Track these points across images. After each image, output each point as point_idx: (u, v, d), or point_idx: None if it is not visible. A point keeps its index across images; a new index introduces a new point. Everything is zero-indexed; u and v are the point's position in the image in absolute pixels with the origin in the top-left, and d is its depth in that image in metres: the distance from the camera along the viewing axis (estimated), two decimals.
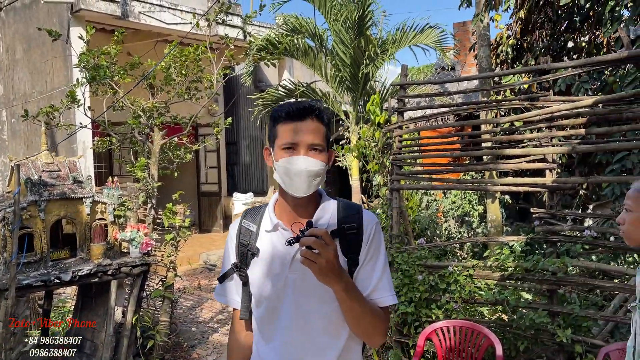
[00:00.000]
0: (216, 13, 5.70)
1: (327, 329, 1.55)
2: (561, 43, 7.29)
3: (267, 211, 1.64)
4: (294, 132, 1.50)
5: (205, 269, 8.83)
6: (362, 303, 1.47)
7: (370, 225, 1.58)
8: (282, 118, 1.52)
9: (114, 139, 5.75)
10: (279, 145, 1.52)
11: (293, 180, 1.49)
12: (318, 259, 1.31)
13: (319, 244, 1.31)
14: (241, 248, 1.63)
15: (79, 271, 3.87)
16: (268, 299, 1.57)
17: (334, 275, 1.36)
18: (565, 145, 4.15)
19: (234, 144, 14.09)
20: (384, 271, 1.57)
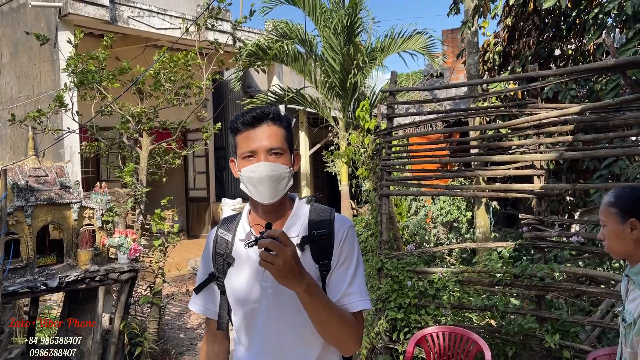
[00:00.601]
0: (206, 18, 5.69)
1: (302, 338, 1.52)
2: (548, 50, 7.38)
3: (241, 220, 1.64)
4: (251, 140, 1.49)
5: (194, 275, 8.77)
6: (327, 307, 1.42)
7: (342, 229, 1.55)
8: (238, 128, 1.52)
9: (102, 144, 5.71)
10: (240, 155, 1.52)
11: (257, 188, 1.49)
12: (275, 260, 1.28)
13: (274, 245, 1.28)
14: (217, 258, 1.62)
15: (65, 277, 3.83)
16: (244, 308, 1.56)
17: (292, 277, 1.32)
18: (553, 152, 4.19)
19: (223, 150, 14.05)
20: (355, 275, 1.53)
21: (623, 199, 1.94)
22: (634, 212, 1.88)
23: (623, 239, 1.91)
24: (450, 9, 8.60)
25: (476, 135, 5.30)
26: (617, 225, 1.92)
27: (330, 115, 9.40)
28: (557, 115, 3.98)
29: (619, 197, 1.96)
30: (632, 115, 3.62)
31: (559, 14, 7.06)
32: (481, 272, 4.23)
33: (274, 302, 1.52)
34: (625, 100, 3.62)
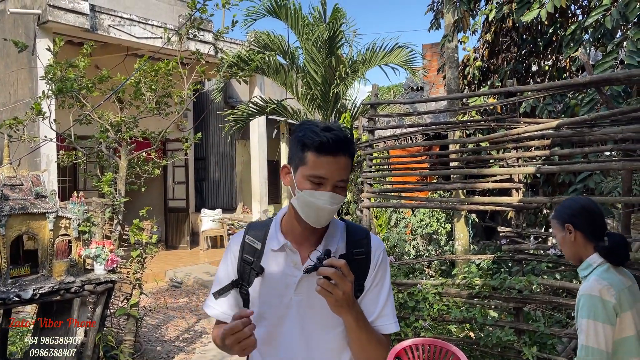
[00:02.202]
0: (187, 28, 5.68)
1: (329, 352, 1.54)
2: (526, 66, 7.52)
3: (273, 229, 1.59)
4: (325, 168, 1.43)
5: (172, 287, 8.66)
6: (369, 332, 1.47)
7: (379, 251, 1.57)
8: (315, 147, 1.43)
9: (80, 153, 5.63)
10: (305, 175, 1.45)
11: (314, 213, 1.46)
12: (335, 291, 1.30)
13: (337, 276, 1.29)
14: (244, 265, 1.57)
15: (40, 289, 3.74)
16: (269, 319, 1.54)
17: (347, 307, 1.35)
18: (530, 166, 4.26)
19: (203, 160, 13.97)
20: (388, 298, 1.56)
21: (559, 211, 2.27)
22: (567, 219, 2.20)
23: (566, 243, 2.22)
24: (431, 24, 8.73)
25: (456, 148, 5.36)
26: (560, 233, 2.24)
27: None
28: (535, 130, 4.05)
29: (557, 210, 2.29)
30: (606, 130, 3.70)
31: (536, 30, 7.22)
32: (460, 285, 4.26)
33: (305, 316, 1.51)
34: (601, 116, 3.70)
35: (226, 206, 13.20)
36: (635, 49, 3.88)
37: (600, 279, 2.05)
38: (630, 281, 2.13)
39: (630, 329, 1.99)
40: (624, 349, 2.00)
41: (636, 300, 2.08)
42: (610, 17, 4.04)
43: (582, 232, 2.17)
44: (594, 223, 2.18)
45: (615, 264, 2.12)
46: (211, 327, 6.39)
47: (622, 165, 3.59)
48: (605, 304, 1.97)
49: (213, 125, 13.41)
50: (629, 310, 2.01)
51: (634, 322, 2.01)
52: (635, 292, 2.09)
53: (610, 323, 1.96)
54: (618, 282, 2.05)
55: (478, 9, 6.77)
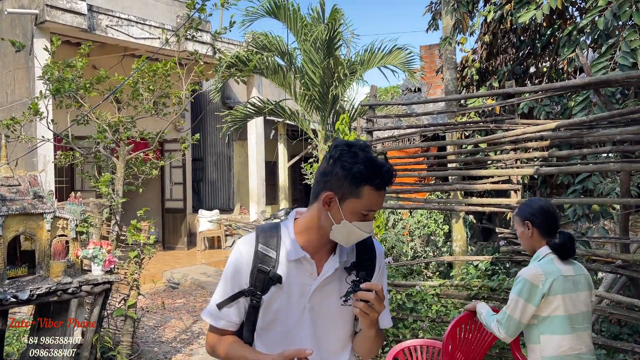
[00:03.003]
0: (185, 29, 5.67)
1: (336, 348, 1.67)
2: (524, 68, 7.53)
3: (287, 239, 1.61)
4: (377, 202, 1.49)
5: (169, 288, 8.64)
6: (379, 335, 1.63)
7: (381, 256, 1.70)
8: (373, 183, 1.45)
9: (78, 153, 5.61)
10: (359, 208, 1.47)
11: (355, 239, 1.56)
12: (371, 312, 1.41)
13: (377, 300, 1.40)
14: (260, 274, 1.58)
15: (37, 289, 3.72)
16: (283, 324, 1.60)
17: (376, 323, 1.50)
18: (529, 167, 4.26)
19: (200, 161, 13.96)
20: (385, 297, 1.65)
21: (521, 209, 2.62)
22: (527, 217, 2.55)
23: (525, 237, 2.57)
24: (429, 25, 8.74)
25: (454, 149, 5.36)
26: (520, 228, 2.59)
27: (310, 127, 9.42)
28: (533, 131, 4.05)
29: (519, 208, 2.65)
30: (605, 132, 3.71)
31: (534, 32, 7.23)
32: (458, 286, 4.26)
33: (316, 321, 1.61)
34: (599, 118, 3.71)
35: (224, 207, 13.19)
36: (628, 50, 3.90)
37: (539, 267, 2.42)
38: (574, 273, 2.44)
39: (559, 310, 2.36)
40: (553, 325, 2.38)
41: (574, 289, 2.39)
42: (604, 19, 4.06)
43: (538, 229, 2.51)
44: (548, 222, 2.51)
45: (562, 258, 2.45)
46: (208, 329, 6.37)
47: (621, 167, 3.59)
48: (532, 288, 2.37)
49: (211, 125, 13.40)
50: (559, 294, 2.36)
51: (563, 305, 2.36)
52: (576, 282, 2.41)
53: (531, 303, 2.37)
54: (554, 272, 2.39)
55: (477, 11, 6.78)
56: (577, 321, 2.38)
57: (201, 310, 7.26)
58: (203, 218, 11.73)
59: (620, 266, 3.76)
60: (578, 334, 2.37)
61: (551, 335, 2.37)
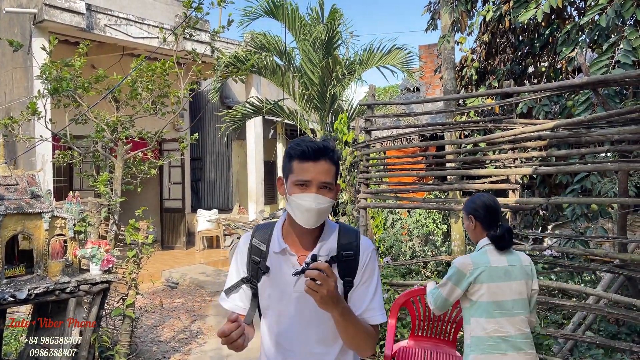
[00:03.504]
0: (183, 28, 5.66)
1: (323, 341, 1.75)
2: (522, 67, 7.53)
3: (275, 233, 1.79)
4: (308, 172, 1.64)
5: (168, 287, 8.64)
6: (355, 324, 1.63)
7: (367, 252, 1.75)
8: (297, 156, 1.66)
9: (76, 152, 5.61)
10: (293, 181, 1.66)
11: (303, 215, 1.65)
12: (320, 290, 1.47)
13: (321, 277, 1.46)
14: (252, 264, 1.78)
15: (35, 289, 3.72)
16: (274, 309, 1.77)
17: (332, 303, 1.51)
18: (527, 167, 4.26)
19: (199, 160, 13.95)
20: (375, 293, 1.74)
21: (467, 204, 2.88)
22: (471, 211, 2.81)
23: (470, 229, 2.85)
24: (428, 25, 8.74)
25: (452, 149, 5.36)
26: (467, 221, 2.86)
27: (308, 127, 9.42)
28: (532, 131, 4.05)
29: (465, 204, 2.90)
30: (603, 132, 3.71)
31: (533, 31, 7.23)
32: None
33: (302, 309, 1.71)
34: (597, 117, 3.71)
35: (222, 207, 13.18)
36: (630, 48, 3.89)
37: (469, 258, 2.73)
38: (508, 263, 2.68)
39: (485, 297, 2.63)
40: (480, 310, 2.65)
41: (505, 278, 2.64)
42: (606, 16, 4.04)
43: (481, 222, 2.78)
44: (490, 216, 2.77)
45: (499, 249, 2.69)
46: (207, 328, 6.38)
47: (619, 167, 3.59)
48: (460, 275, 2.68)
49: (209, 125, 13.39)
50: (485, 283, 2.63)
51: (488, 293, 2.62)
52: (507, 272, 2.65)
53: (458, 287, 2.69)
54: (483, 263, 2.67)
55: (475, 10, 6.78)
56: (505, 307, 2.62)
57: (200, 309, 7.27)
58: (202, 218, 11.72)
59: (618, 266, 3.77)
60: (506, 318, 2.61)
61: (478, 318, 2.65)
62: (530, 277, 2.71)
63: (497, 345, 2.60)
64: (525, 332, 2.65)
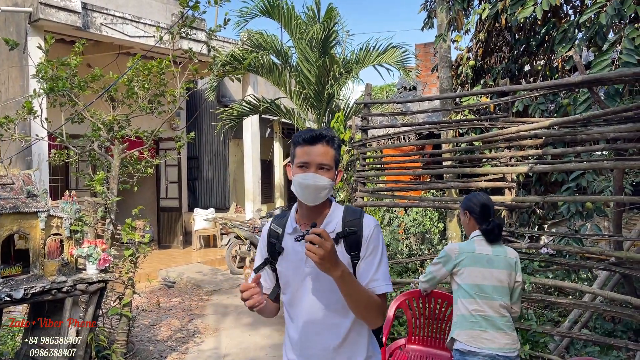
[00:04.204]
0: (180, 27, 5.65)
1: (337, 311, 1.90)
2: (518, 66, 7.54)
3: (289, 217, 2.00)
4: (307, 154, 1.85)
5: (165, 286, 8.63)
6: (357, 289, 1.78)
7: (369, 227, 1.90)
8: (298, 142, 1.89)
9: (72, 151, 5.59)
10: (296, 164, 1.88)
11: (304, 192, 1.85)
12: (317, 251, 1.63)
13: (318, 240, 1.63)
14: (271, 246, 2.02)
15: (31, 288, 3.71)
16: (291, 287, 1.96)
17: (330, 265, 1.67)
18: (523, 165, 4.27)
19: (196, 159, 13.93)
20: (380, 264, 1.89)
21: (464, 202, 3.22)
22: (467, 207, 3.16)
23: (465, 224, 3.21)
24: (425, 24, 8.75)
25: (449, 147, 5.36)
26: (463, 216, 3.21)
27: (305, 126, 9.41)
28: (528, 129, 4.06)
29: (463, 201, 3.24)
30: (599, 130, 3.72)
31: (529, 30, 7.24)
32: None
33: (316, 283, 1.89)
34: (593, 116, 3.72)
35: (219, 205, 13.17)
36: (632, 47, 3.88)
37: (458, 244, 3.11)
38: (492, 253, 2.99)
39: (468, 279, 2.97)
40: (463, 291, 2.98)
41: (487, 265, 2.95)
42: (605, 14, 4.04)
43: (475, 217, 3.11)
44: (483, 212, 3.09)
45: (489, 241, 3.02)
46: (204, 327, 6.38)
47: (614, 165, 3.61)
48: (447, 257, 3.08)
49: (206, 124, 13.37)
50: (468, 267, 2.97)
51: (470, 276, 2.96)
52: (490, 260, 2.96)
53: (445, 267, 3.08)
54: (468, 250, 3.03)
55: (471, 9, 6.78)
56: (485, 291, 2.93)
57: (197, 308, 7.26)
58: (198, 217, 11.71)
59: (614, 263, 3.78)
60: (485, 301, 2.92)
61: (462, 299, 2.98)
62: (513, 269, 2.98)
63: (478, 323, 2.90)
64: (505, 316, 2.93)
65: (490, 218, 3.08)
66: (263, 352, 5.41)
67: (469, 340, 2.89)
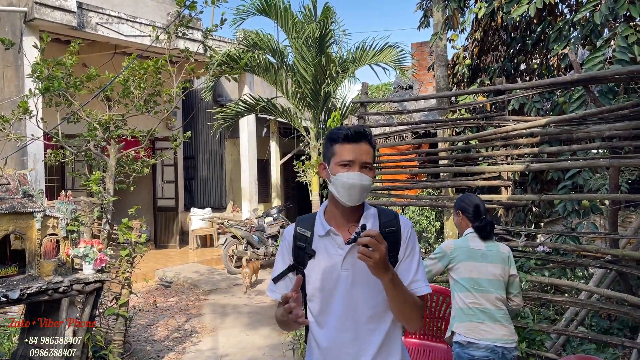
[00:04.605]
0: (176, 26, 5.64)
1: (373, 316, 1.82)
2: (514, 65, 7.56)
3: (318, 219, 1.91)
4: (351, 152, 1.78)
5: (162, 286, 8.62)
6: (404, 292, 1.73)
7: (407, 228, 1.87)
8: (340, 139, 1.80)
9: (68, 151, 5.58)
10: (336, 162, 1.80)
11: (349, 192, 1.77)
12: (372, 255, 1.56)
13: (373, 243, 1.56)
14: (298, 251, 1.90)
15: (27, 289, 3.70)
16: (322, 292, 1.85)
17: (384, 269, 1.61)
18: (519, 164, 4.28)
19: (192, 159, 13.90)
20: (419, 266, 1.85)
21: (456, 202, 3.33)
22: (460, 208, 3.28)
23: (458, 223, 3.32)
24: (421, 23, 8.75)
25: (445, 146, 5.37)
26: (456, 216, 3.33)
27: (302, 125, 9.41)
28: (524, 128, 4.07)
29: (455, 202, 3.34)
30: (594, 128, 3.74)
31: (524, 29, 7.25)
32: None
33: (351, 287, 1.80)
34: (588, 114, 3.73)
35: (216, 205, 13.15)
36: (625, 45, 3.89)
37: (453, 241, 3.24)
38: (485, 248, 3.09)
39: (463, 274, 3.06)
40: (460, 285, 3.07)
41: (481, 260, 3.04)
42: (599, 13, 4.05)
43: (467, 216, 3.23)
44: (475, 211, 3.21)
45: (482, 238, 3.12)
46: (201, 327, 6.37)
47: (610, 163, 3.62)
48: (442, 252, 3.17)
49: (202, 123, 13.35)
50: (462, 262, 3.07)
51: (465, 270, 3.05)
52: (484, 255, 3.06)
53: (440, 262, 3.15)
54: (462, 246, 3.13)
55: (467, 7, 6.79)
56: (480, 284, 3.01)
57: (194, 308, 7.26)
58: (195, 216, 11.69)
59: (610, 261, 3.79)
60: (482, 294, 3.00)
61: (459, 293, 3.07)
62: (507, 263, 3.09)
63: (475, 315, 2.98)
64: (502, 309, 3.01)
65: (482, 216, 3.21)
66: (261, 352, 5.41)
67: (467, 332, 2.97)
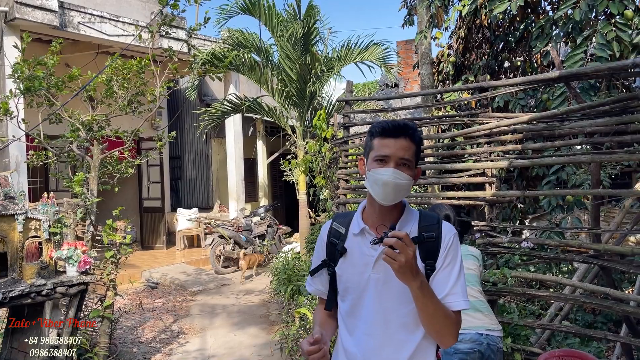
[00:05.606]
0: (159, 25, 5.59)
1: (405, 326, 1.69)
2: (498, 62, 7.61)
3: (355, 216, 1.81)
4: (387, 147, 1.66)
5: (148, 287, 8.56)
6: (435, 303, 1.58)
7: (449, 235, 1.71)
8: (378, 133, 1.70)
9: (50, 152, 5.52)
10: (372, 157, 1.69)
11: (381, 189, 1.66)
12: (398, 257, 1.46)
13: (399, 245, 1.46)
14: (330, 247, 1.81)
15: (9, 292, 3.66)
16: (352, 294, 1.75)
17: (410, 274, 1.50)
18: (503, 160, 4.31)
19: (178, 159, 13.82)
20: (458, 278, 1.68)
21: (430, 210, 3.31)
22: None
23: None
24: (405, 21, 8.78)
25: (430, 144, 5.39)
26: None
27: (288, 124, 9.39)
28: (507, 125, 4.10)
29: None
30: (576, 124, 3.77)
31: (508, 26, 7.30)
32: None
33: (382, 291, 1.68)
34: (571, 110, 3.76)
35: (202, 205, 13.09)
36: (605, 42, 3.93)
37: None
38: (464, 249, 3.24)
39: None
40: None
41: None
42: (579, 10, 4.08)
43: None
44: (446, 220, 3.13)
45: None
46: (188, 328, 6.34)
47: (591, 158, 3.66)
48: None
49: (188, 123, 13.28)
50: None
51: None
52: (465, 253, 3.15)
53: None
54: None
55: (451, 5, 6.82)
56: None
57: (181, 309, 7.22)
58: (182, 217, 11.63)
59: (593, 256, 3.83)
60: None
61: None
62: (477, 260, 3.25)
63: None
64: (481, 300, 3.08)
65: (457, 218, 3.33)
66: (249, 352, 5.39)
67: None
